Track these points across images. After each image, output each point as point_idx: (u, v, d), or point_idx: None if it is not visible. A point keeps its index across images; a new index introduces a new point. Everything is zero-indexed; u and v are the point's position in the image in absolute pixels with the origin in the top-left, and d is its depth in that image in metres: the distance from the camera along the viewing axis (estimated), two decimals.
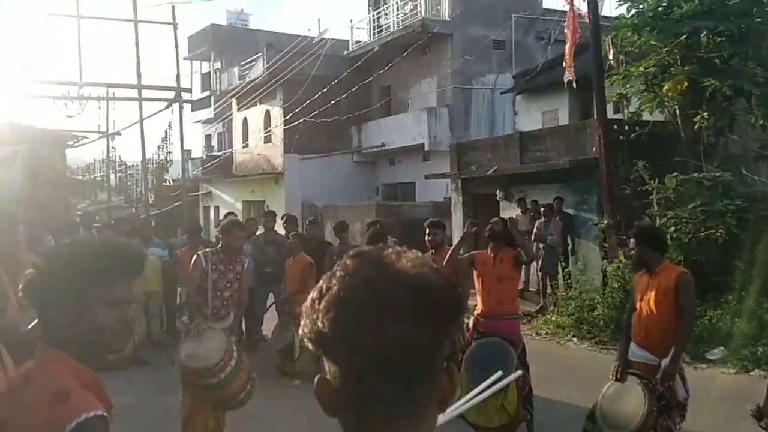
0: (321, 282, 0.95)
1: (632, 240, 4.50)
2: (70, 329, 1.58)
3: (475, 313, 5.45)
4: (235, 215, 10.43)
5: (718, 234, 9.01)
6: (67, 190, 19.77)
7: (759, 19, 9.92)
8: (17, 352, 2.47)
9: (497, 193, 13.44)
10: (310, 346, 0.93)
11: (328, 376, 0.94)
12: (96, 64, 73.81)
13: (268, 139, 23.63)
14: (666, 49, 10.41)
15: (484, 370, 4.64)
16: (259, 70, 23.16)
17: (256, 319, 9.29)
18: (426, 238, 6.22)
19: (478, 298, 5.48)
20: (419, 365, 0.90)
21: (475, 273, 5.47)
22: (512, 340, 5.18)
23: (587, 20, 10.55)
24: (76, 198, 28.79)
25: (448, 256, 5.54)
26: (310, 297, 0.95)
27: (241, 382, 4.64)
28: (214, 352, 4.53)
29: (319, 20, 65.59)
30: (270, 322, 9.03)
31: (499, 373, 2.86)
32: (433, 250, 6.10)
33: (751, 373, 7.49)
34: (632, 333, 4.45)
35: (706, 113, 9.90)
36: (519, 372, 4.63)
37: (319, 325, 0.90)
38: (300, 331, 0.95)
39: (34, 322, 2.39)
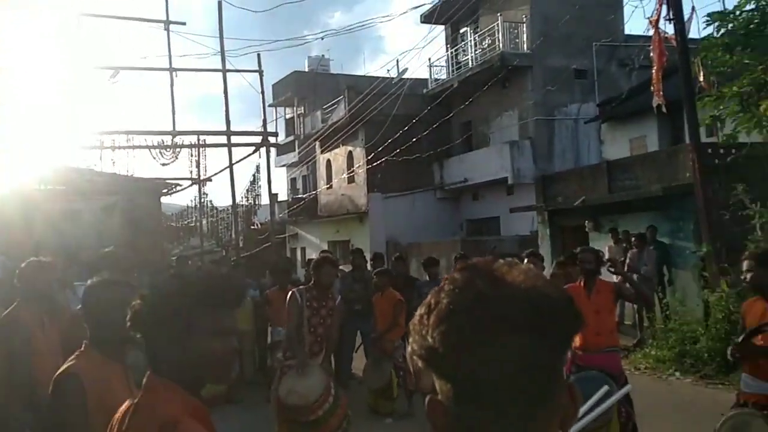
0: (429, 297, 0.91)
1: (748, 262, 4.21)
2: (179, 359, 1.60)
3: (574, 347, 5.25)
4: (329, 252, 10.57)
5: None
6: (163, 236, 20.75)
7: None
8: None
9: (586, 223, 13.09)
10: (420, 364, 0.89)
11: (440, 397, 0.89)
12: (188, 114, 77.76)
13: (351, 180, 24.02)
14: (761, 66, 9.93)
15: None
16: (341, 112, 23.72)
17: (346, 357, 9.30)
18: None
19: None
20: (539, 382, 0.85)
21: None
22: (613, 374, 4.95)
23: (673, 43, 10.24)
24: (170, 243, 30.13)
25: None
26: (417, 313, 0.91)
27: (339, 419, 4.64)
28: (314, 388, 4.56)
29: (397, 61, 66.89)
30: (357, 361, 9.04)
31: (605, 387, 2.74)
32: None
33: None
34: (744, 363, 4.17)
35: None
36: (628, 386, 4.42)
37: (429, 340, 0.86)
38: (409, 349, 0.92)
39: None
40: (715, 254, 9.59)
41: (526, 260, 6.06)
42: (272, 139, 16.91)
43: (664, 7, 10.11)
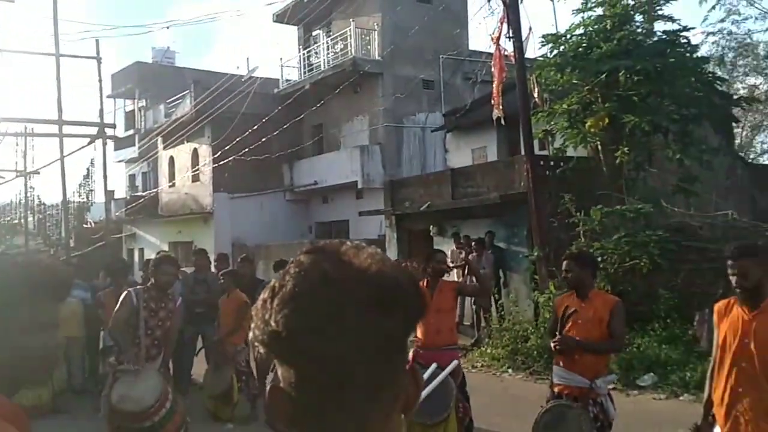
0: (272, 282, 0.87)
1: (567, 263, 4.55)
2: None
3: (415, 344, 5.39)
4: (168, 252, 10.07)
5: (642, 263, 9.34)
6: None
7: (673, 60, 10.50)
8: None
9: (431, 228, 13.57)
10: (262, 349, 0.85)
11: (282, 384, 0.85)
12: (14, 99, 71.24)
13: (196, 178, 23.16)
14: (587, 87, 10.88)
15: (423, 403, 4.57)
16: (186, 107, 22.81)
17: (186, 361, 8.91)
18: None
19: (418, 329, 5.43)
20: (382, 364, 0.83)
21: None
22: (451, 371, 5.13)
23: (512, 60, 10.91)
24: None
25: None
26: (260, 298, 0.87)
27: (175, 425, 4.40)
28: (149, 393, 4.29)
29: (248, 59, 65.49)
30: (198, 365, 8.70)
31: (434, 365, 2.83)
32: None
33: (681, 398, 7.70)
34: (557, 356, 4.50)
35: (626, 148, 10.34)
36: (455, 362, 4.63)
37: (273, 324, 0.82)
38: (250, 335, 0.86)
39: None
40: (545, 258, 10.31)
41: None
42: (110, 132, 15.87)
43: (505, 26, 10.75)
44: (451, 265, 11.85)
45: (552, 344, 4.44)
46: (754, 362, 3.31)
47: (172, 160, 25.02)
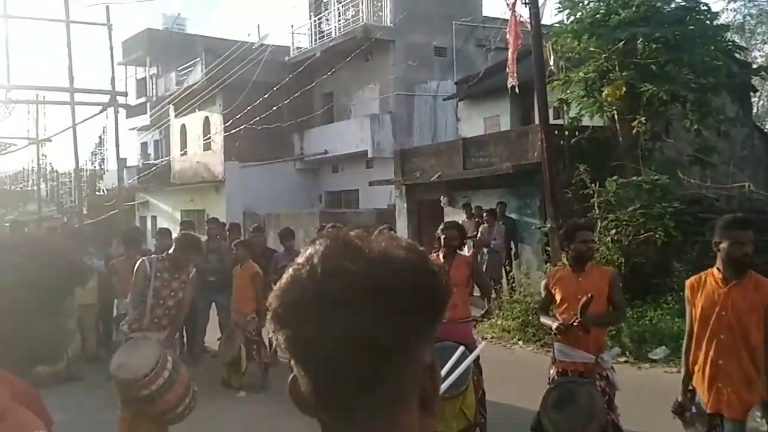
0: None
1: (589, 232, 4.49)
2: (11, 340, 1.40)
3: None
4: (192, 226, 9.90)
5: (657, 236, 9.23)
6: None
7: (692, 27, 10.27)
8: None
9: (441, 198, 13.48)
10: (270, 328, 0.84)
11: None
12: (26, 67, 71.14)
13: (207, 147, 23.13)
14: (604, 55, 10.66)
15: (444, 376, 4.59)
16: (197, 75, 22.67)
17: (199, 330, 8.97)
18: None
19: None
20: (375, 362, 0.79)
21: None
22: (467, 343, 5.11)
23: (528, 27, 10.68)
24: (4, 209, 27.55)
25: None
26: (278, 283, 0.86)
27: (177, 395, 4.38)
28: (144, 362, 4.28)
29: (258, 26, 64.81)
30: (211, 334, 8.75)
31: (461, 348, 2.80)
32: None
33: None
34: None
35: (643, 118, 10.16)
36: (482, 344, 4.58)
37: (271, 310, 0.83)
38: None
39: None
40: (558, 230, 10.21)
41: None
42: (121, 99, 15.82)
43: None
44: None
45: (561, 325, 4.34)
46: (733, 333, 3.38)
47: (183, 128, 24.98)
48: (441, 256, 5.40)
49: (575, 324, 4.25)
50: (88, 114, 16.45)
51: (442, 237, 5.48)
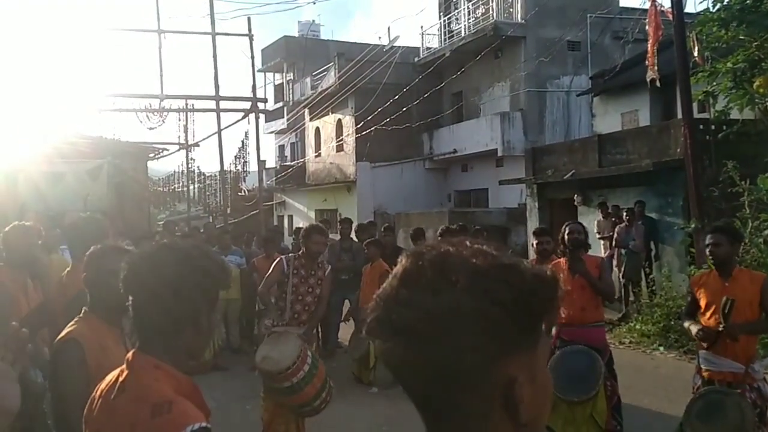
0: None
1: (720, 236, 4.22)
2: (174, 337, 1.56)
3: (559, 321, 5.23)
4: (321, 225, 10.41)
5: None
6: (149, 201, 20.54)
7: None
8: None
9: (575, 197, 13.08)
10: None
11: None
12: (176, 78, 76.80)
13: (340, 148, 23.85)
14: (756, 43, 9.87)
15: (570, 380, 4.47)
16: (330, 79, 23.44)
17: (332, 326, 9.30)
18: (535, 248, 5.87)
19: (561, 306, 5.27)
20: (446, 390, 0.84)
21: None
22: (598, 348, 4.95)
23: (669, 17, 10.12)
24: (157, 209, 29.88)
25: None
26: None
27: (315, 388, 4.58)
28: (287, 355, 4.51)
29: (389, 28, 66.00)
30: (345, 330, 9.04)
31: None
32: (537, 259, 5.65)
33: None
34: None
35: None
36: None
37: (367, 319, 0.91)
38: None
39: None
40: (704, 230, 9.60)
41: (536, 238, 5.90)
42: (261, 105, 16.70)
43: None
44: (597, 236, 11.41)
45: (704, 330, 4.14)
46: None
47: (317, 130, 25.92)
48: (565, 260, 5.22)
49: (721, 330, 4.02)
50: (232, 120, 17.49)
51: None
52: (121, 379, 1.55)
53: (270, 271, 5.29)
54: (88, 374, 2.22)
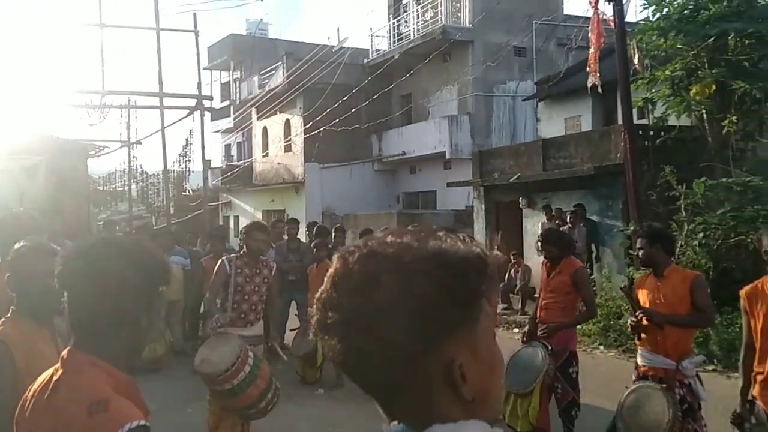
0: None
1: (640, 240, 4.43)
2: (112, 334, 1.52)
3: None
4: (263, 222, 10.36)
5: (749, 240, 8.79)
6: (89, 200, 19.95)
7: None
8: None
9: (520, 200, 13.31)
10: None
11: None
12: (118, 73, 74.89)
13: (288, 148, 23.67)
14: (693, 52, 10.24)
15: (515, 373, 4.75)
16: (278, 79, 23.25)
17: (278, 327, 9.19)
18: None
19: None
20: (388, 372, 0.87)
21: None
22: (556, 349, 5.09)
23: (611, 25, 10.40)
24: (97, 208, 29.07)
25: None
26: None
27: (258, 390, 4.49)
28: (225, 357, 4.42)
29: (338, 29, 65.96)
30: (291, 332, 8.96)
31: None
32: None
33: None
34: (642, 338, 4.40)
35: (734, 117, 9.71)
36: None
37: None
38: None
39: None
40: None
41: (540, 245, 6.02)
42: (207, 103, 16.40)
43: None
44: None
45: (632, 321, 4.35)
46: None
47: (265, 130, 25.66)
48: (547, 262, 5.39)
49: (638, 316, 4.25)
50: (176, 117, 17.14)
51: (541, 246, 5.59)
52: (55, 378, 1.49)
53: (214, 276, 5.22)
54: (15, 376, 2.15)
